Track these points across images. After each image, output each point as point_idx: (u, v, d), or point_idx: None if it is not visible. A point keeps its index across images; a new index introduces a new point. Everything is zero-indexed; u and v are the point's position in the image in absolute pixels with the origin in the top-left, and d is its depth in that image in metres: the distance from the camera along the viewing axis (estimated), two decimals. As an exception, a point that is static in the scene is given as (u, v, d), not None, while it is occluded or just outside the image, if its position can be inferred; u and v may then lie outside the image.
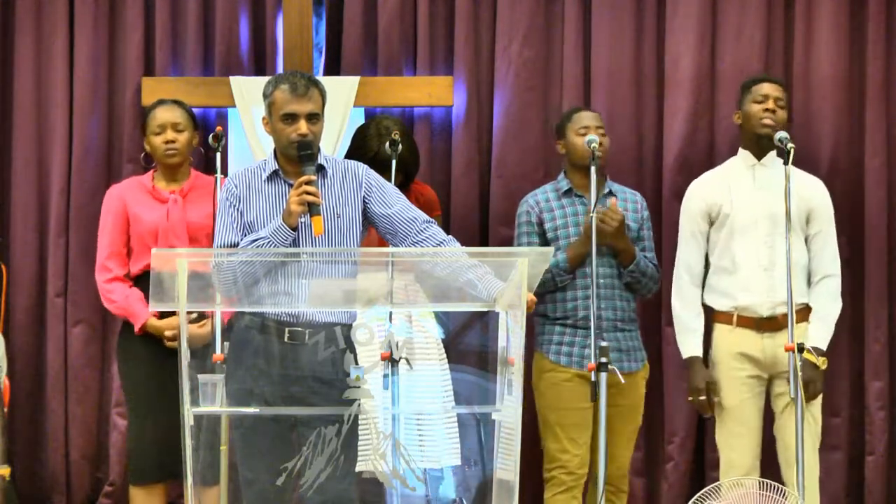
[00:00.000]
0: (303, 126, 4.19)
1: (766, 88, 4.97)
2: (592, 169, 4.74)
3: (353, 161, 4.42)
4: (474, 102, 5.82)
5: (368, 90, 5.62)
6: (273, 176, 4.25)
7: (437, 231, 4.25)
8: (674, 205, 5.72)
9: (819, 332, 4.90)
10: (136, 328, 4.87)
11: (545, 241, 4.99)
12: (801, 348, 4.58)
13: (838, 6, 5.73)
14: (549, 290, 4.91)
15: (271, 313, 4.11)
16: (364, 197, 4.26)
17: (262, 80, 5.67)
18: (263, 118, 4.28)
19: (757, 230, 4.89)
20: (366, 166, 4.36)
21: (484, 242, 5.72)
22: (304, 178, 4.12)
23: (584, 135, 4.94)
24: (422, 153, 5.55)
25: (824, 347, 4.89)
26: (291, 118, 4.20)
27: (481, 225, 5.81)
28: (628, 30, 5.81)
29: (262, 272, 4.02)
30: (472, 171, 5.82)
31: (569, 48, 5.80)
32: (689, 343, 4.97)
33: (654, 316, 5.75)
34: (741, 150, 5.02)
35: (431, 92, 5.71)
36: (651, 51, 5.84)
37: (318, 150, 4.28)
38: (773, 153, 4.97)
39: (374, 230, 4.37)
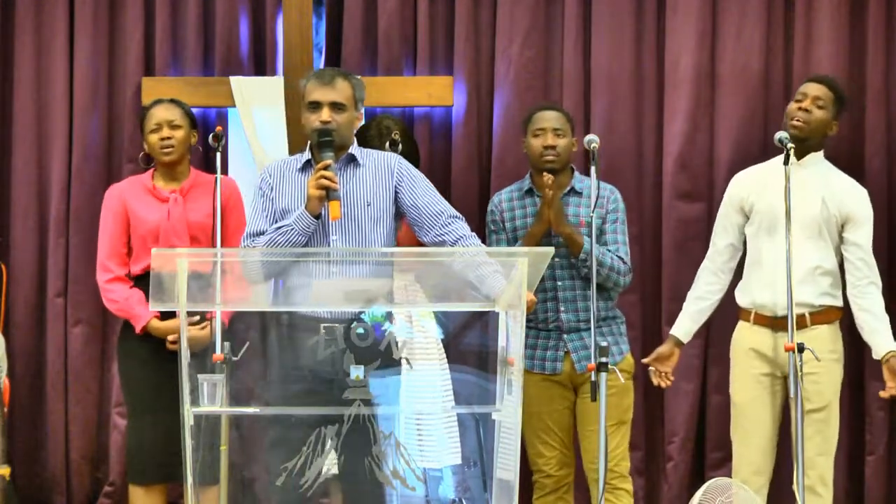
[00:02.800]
0: (325, 113, 4.35)
1: (807, 87, 4.92)
2: (593, 169, 4.71)
3: (388, 153, 4.57)
4: (474, 102, 5.82)
5: (368, 90, 5.58)
6: (306, 166, 4.42)
7: (460, 226, 4.41)
8: (674, 204, 5.73)
9: (890, 338, 4.87)
10: (138, 329, 4.87)
11: (510, 241, 4.98)
12: (801, 348, 4.56)
13: (838, 6, 5.73)
14: None
15: (305, 311, 4.15)
16: (396, 186, 4.42)
17: (262, 80, 5.72)
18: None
19: (784, 230, 4.83)
20: (400, 157, 4.52)
21: (483, 242, 5.70)
22: (322, 163, 4.27)
23: (539, 136, 4.91)
24: (422, 153, 5.56)
25: None
26: (315, 106, 4.39)
27: (481, 225, 5.80)
28: (628, 30, 5.81)
29: (286, 264, 4.13)
30: (472, 171, 5.82)
31: (569, 48, 5.80)
32: (677, 321, 4.97)
33: (654, 316, 5.76)
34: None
35: (431, 92, 5.71)
36: (651, 51, 5.83)
37: (350, 140, 4.42)
38: (815, 154, 4.93)
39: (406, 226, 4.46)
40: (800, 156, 4.91)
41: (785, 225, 4.66)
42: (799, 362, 4.53)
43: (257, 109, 5.62)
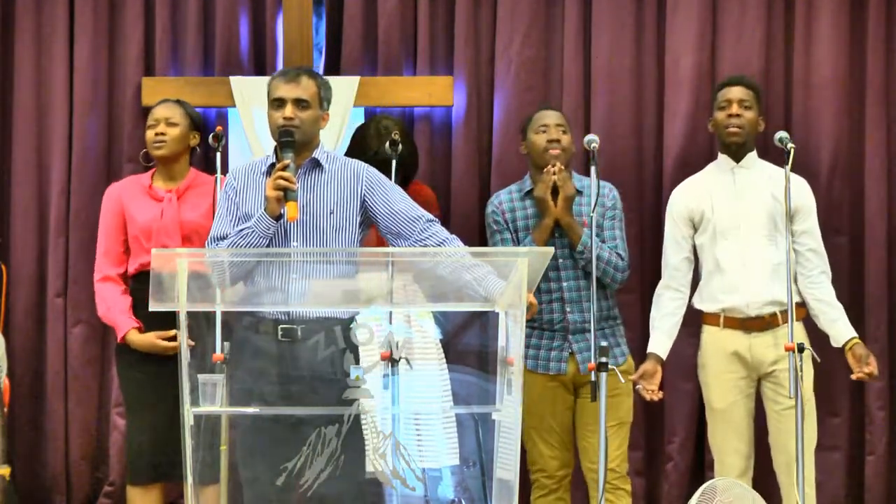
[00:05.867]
0: (288, 110, 4.25)
1: (729, 93, 4.97)
2: (593, 169, 4.72)
3: (355, 160, 4.44)
4: (474, 102, 5.82)
5: (368, 90, 5.62)
6: (270, 168, 4.29)
7: (439, 230, 4.28)
8: (674, 205, 5.74)
9: (848, 325, 4.90)
10: (118, 339, 4.90)
11: (515, 240, 4.97)
12: (801, 348, 4.57)
13: (838, 6, 5.73)
14: None
15: (266, 312, 4.12)
16: (363, 195, 4.28)
17: (262, 80, 5.68)
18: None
19: (739, 232, 4.90)
20: (367, 165, 4.38)
21: (484, 242, 5.69)
22: (280, 164, 4.17)
23: (544, 132, 4.93)
24: (422, 153, 5.56)
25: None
26: (279, 102, 4.29)
27: (481, 225, 5.80)
28: (628, 30, 5.81)
29: (252, 267, 4.06)
30: (472, 171, 5.82)
31: (569, 48, 5.80)
32: (651, 339, 4.97)
33: (649, 317, 5.75)
34: (720, 155, 5.04)
35: (431, 92, 5.71)
36: (651, 50, 5.84)
37: (315, 140, 4.32)
38: (751, 154, 4.98)
39: (374, 230, 4.37)
40: (738, 159, 4.95)
41: (785, 226, 4.69)
42: (799, 362, 4.53)
43: (257, 109, 5.62)
